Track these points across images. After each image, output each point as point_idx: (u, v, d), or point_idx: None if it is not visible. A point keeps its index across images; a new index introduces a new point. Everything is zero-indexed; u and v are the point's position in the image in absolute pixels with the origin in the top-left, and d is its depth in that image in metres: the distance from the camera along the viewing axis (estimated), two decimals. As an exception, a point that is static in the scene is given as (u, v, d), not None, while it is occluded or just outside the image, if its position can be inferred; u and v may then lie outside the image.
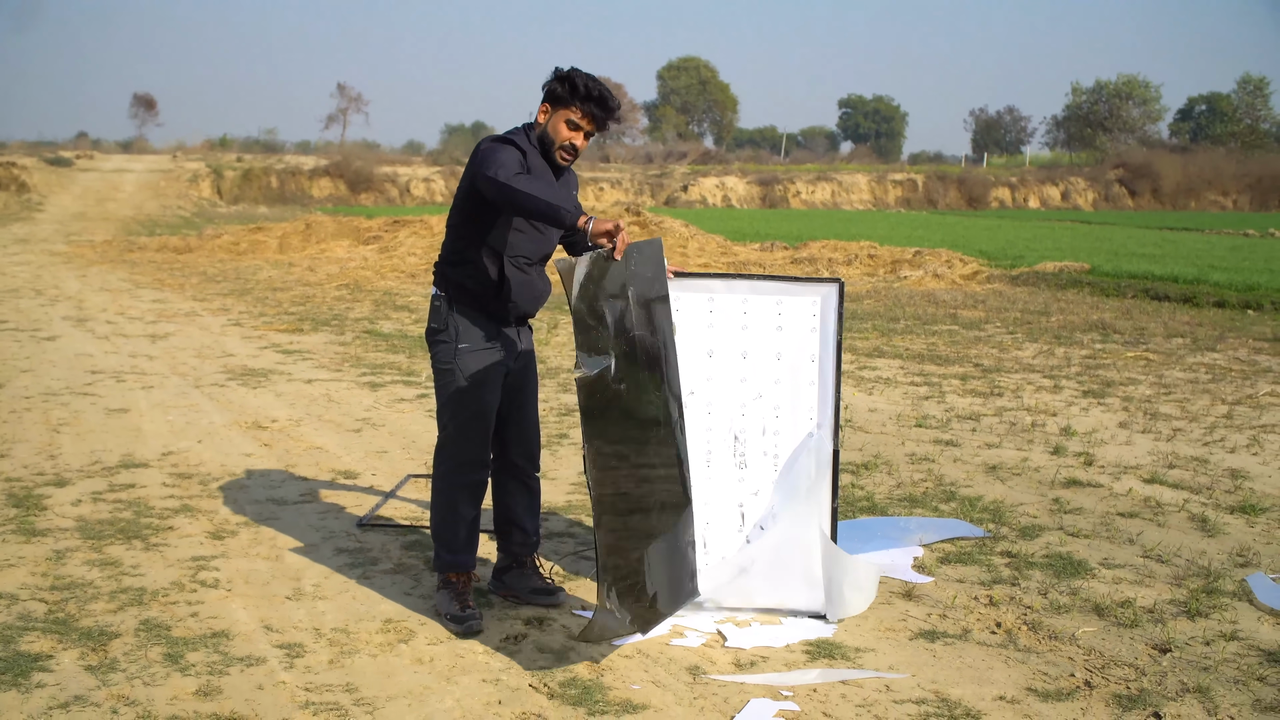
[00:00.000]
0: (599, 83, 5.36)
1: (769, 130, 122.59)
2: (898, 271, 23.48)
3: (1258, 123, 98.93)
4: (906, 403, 10.72)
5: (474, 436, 5.54)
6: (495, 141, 5.30)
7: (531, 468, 5.83)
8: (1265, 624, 5.57)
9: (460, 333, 5.48)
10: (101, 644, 5.09)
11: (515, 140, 5.33)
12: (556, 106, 5.37)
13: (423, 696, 4.70)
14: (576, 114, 5.34)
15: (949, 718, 4.56)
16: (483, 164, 5.14)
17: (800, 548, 5.62)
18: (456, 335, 5.49)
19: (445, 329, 5.53)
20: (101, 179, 52.11)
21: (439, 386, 5.59)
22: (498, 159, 5.10)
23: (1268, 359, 13.53)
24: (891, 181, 67.58)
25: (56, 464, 8.10)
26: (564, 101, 5.34)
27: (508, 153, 5.17)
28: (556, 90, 5.35)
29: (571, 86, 5.31)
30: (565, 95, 5.32)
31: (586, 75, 5.35)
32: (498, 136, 5.36)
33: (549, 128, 5.39)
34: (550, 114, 5.39)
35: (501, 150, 5.19)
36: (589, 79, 5.33)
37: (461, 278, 5.45)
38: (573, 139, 5.40)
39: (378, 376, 11.75)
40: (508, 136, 5.36)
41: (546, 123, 5.40)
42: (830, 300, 5.62)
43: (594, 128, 5.40)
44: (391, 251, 25.15)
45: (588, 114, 5.34)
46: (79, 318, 15.91)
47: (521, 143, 5.35)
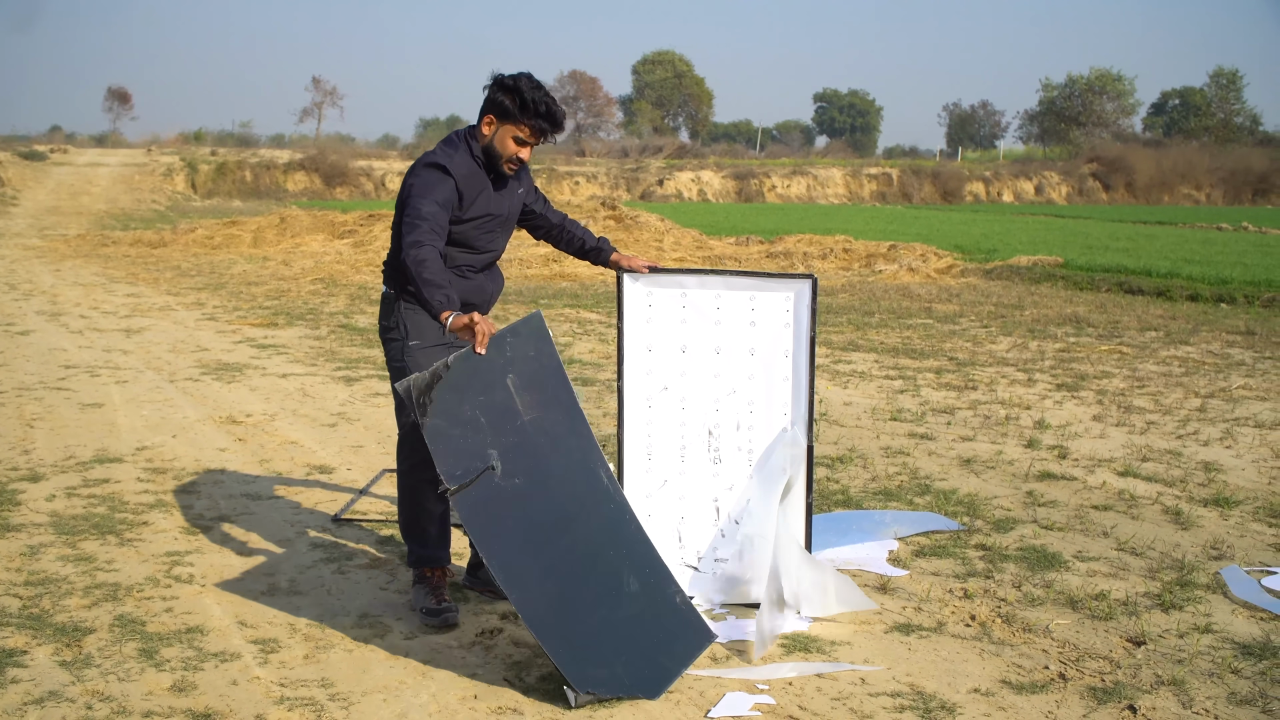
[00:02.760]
0: (545, 93, 5.24)
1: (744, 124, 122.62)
2: (873, 265, 23.53)
3: (1231, 116, 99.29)
4: (881, 396, 10.74)
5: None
6: (430, 168, 5.20)
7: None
8: (1239, 617, 5.60)
9: (410, 329, 5.43)
10: (76, 640, 5.08)
11: (449, 166, 5.21)
12: (503, 120, 5.25)
13: (398, 691, 4.69)
14: (524, 130, 5.25)
15: (924, 710, 4.57)
16: (407, 206, 5.15)
17: (773, 542, 5.62)
18: (406, 332, 5.43)
19: (395, 326, 5.49)
20: (75, 173, 51.87)
21: (394, 384, 5.54)
22: (420, 209, 5.07)
23: (1240, 352, 13.59)
24: (866, 176, 67.67)
25: (30, 459, 8.07)
26: (511, 116, 5.22)
27: (432, 197, 5.11)
28: (504, 104, 5.22)
29: (520, 102, 5.19)
30: (513, 110, 5.21)
31: (532, 86, 5.21)
32: (434, 159, 5.22)
33: (495, 141, 5.29)
34: (496, 126, 5.28)
35: (430, 190, 5.13)
36: (535, 91, 5.20)
37: (408, 279, 5.34)
38: (519, 153, 5.32)
39: (353, 371, 11.72)
40: (442, 162, 5.21)
41: (492, 135, 5.29)
42: (803, 296, 5.63)
43: (540, 140, 5.33)
44: (367, 246, 25.08)
45: (536, 129, 5.25)
46: (53, 312, 15.85)
47: (459, 162, 5.26)
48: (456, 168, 5.24)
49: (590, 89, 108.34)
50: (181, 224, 31.01)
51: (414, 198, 5.15)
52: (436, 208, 5.12)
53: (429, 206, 5.10)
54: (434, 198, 5.13)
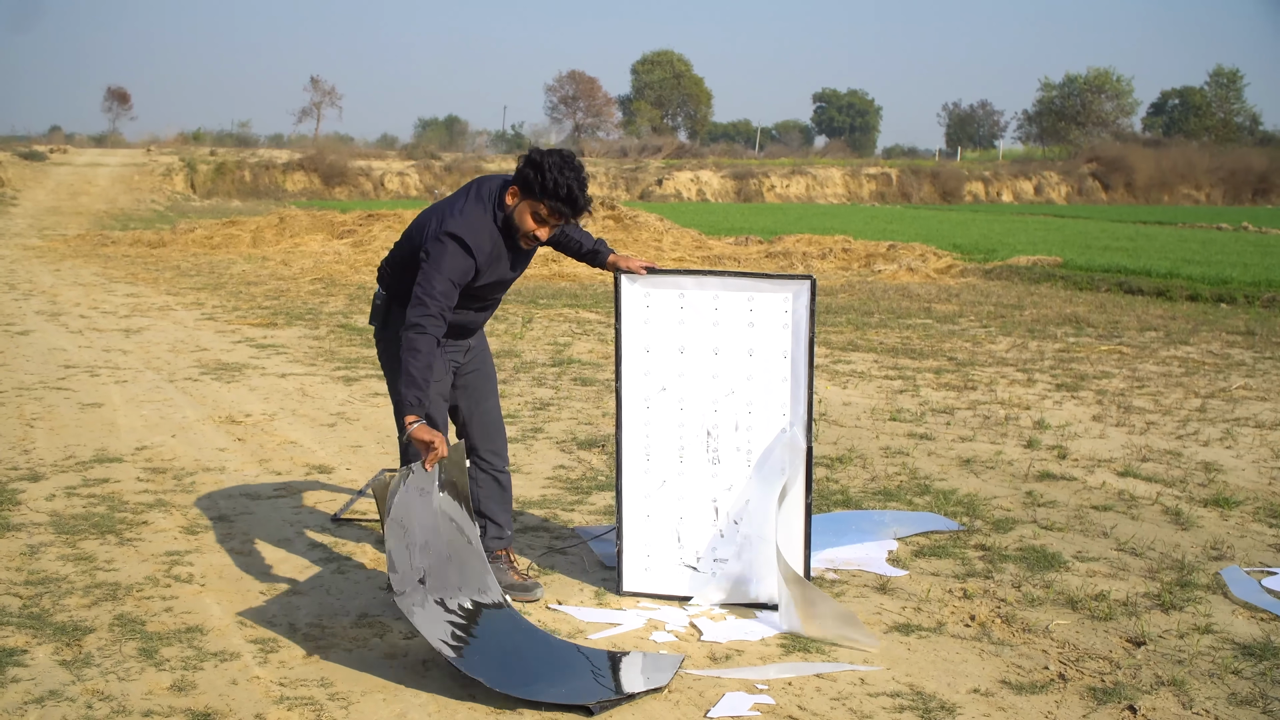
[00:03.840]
0: (574, 175, 5.19)
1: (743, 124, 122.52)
2: (872, 265, 23.53)
3: (1230, 116, 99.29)
4: (881, 396, 10.74)
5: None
6: (455, 241, 5.17)
7: (500, 462, 5.85)
8: (1239, 617, 5.60)
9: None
10: (76, 639, 5.08)
11: (473, 246, 5.20)
12: (526, 195, 5.24)
13: (397, 691, 4.69)
14: (544, 209, 5.23)
15: (923, 710, 4.57)
16: (423, 271, 5.16)
17: (773, 542, 5.63)
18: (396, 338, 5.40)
19: (385, 328, 5.54)
20: (75, 173, 51.85)
21: (391, 385, 5.66)
22: (434, 285, 5.09)
23: (1240, 352, 13.60)
24: (866, 175, 67.66)
25: (30, 458, 8.07)
26: (533, 193, 5.21)
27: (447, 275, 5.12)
28: (529, 178, 5.19)
29: (543, 181, 5.16)
30: (535, 188, 5.19)
31: (560, 166, 5.17)
32: (460, 233, 5.19)
33: (515, 215, 5.28)
34: (519, 200, 5.27)
35: (450, 267, 5.13)
36: (562, 171, 5.16)
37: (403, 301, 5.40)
38: (536, 231, 5.30)
39: (352, 371, 11.72)
40: (467, 241, 5.19)
41: (514, 207, 5.28)
42: (802, 297, 5.62)
43: (561, 222, 5.31)
44: (366, 245, 25.07)
45: (555, 211, 5.22)
46: (52, 312, 15.84)
47: (484, 235, 5.26)
48: (480, 244, 5.23)
49: (589, 89, 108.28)
50: (181, 224, 31.00)
51: (432, 267, 5.14)
52: (450, 286, 5.14)
53: (443, 284, 5.11)
54: (450, 275, 5.13)
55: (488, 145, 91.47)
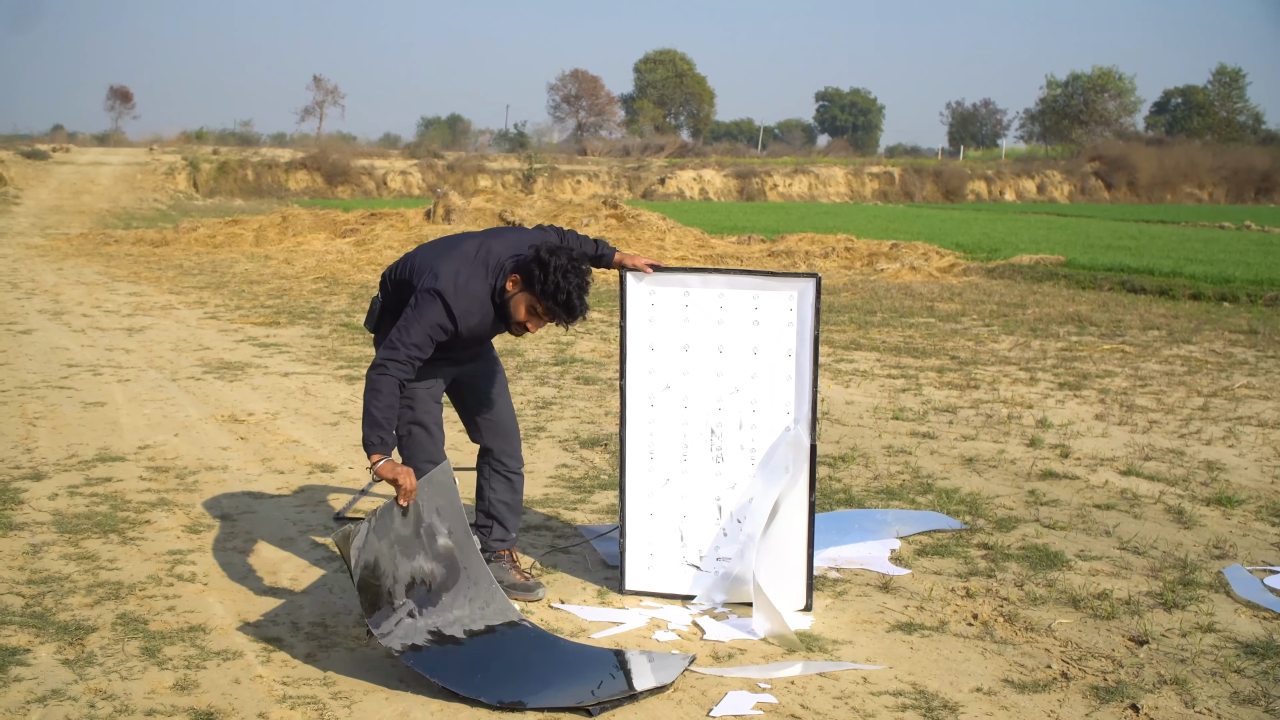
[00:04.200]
0: (577, 281, 5.16)
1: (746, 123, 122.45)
2: (875, 264, 23.52)
3: (1233, 115, 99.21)
4: (883, 395, 10.74)
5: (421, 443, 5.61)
6: (442, 301, 5.17)
7: (514, 463, 5.85)
8: (1242, 616, 5.60)
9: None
10: (79, 638, 5.08)
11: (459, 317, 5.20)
12: (526, 288, 5.22)
13: (400, 690, 4.69)
14: (540, 308, 5.22)
15: (926, 709, 4.57)
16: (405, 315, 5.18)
17: (775, 541, 5.63)
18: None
19: (377, 331, 5.57)
20: (77, 172, 51.87)
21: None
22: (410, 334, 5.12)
23: (1243, 351, 13.59)
24: (868, 174, 67.67)
25: (33, 457, 8.07)
26: (533, 289, 5.19)
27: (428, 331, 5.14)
28: (533, 274, 5.17)
29: (544, 282, 5.14)
30: (536, 286, 5.17)
31: (565, 270, 5.13)
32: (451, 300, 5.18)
33: (511, 303, 5.27)
34: (518, 289, 5.25)
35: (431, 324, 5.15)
36: (565, 275, 5.12)
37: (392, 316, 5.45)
38: (528, 323, 5.30)
39: (355, 370, 11.72)
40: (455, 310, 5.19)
41: (512, 295, 5.26)
42: (807, 295, 5.62)
43: (551, 320, 5.30)
44: (368, 244, 25.08)
45: (550, 312, 5.22)
46: (55, 311, 15.85)
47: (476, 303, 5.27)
48: (467, 315, 5.24)
49: (592, 88, 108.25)
50: (183, 223, 31.00)
51: (415, 317, 5.16)
52: (427, 340, 5.16)
53: (420, 336, 5.14)
54: (429, 332, 5.15)
55: (490, 144, 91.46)
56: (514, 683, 4.72)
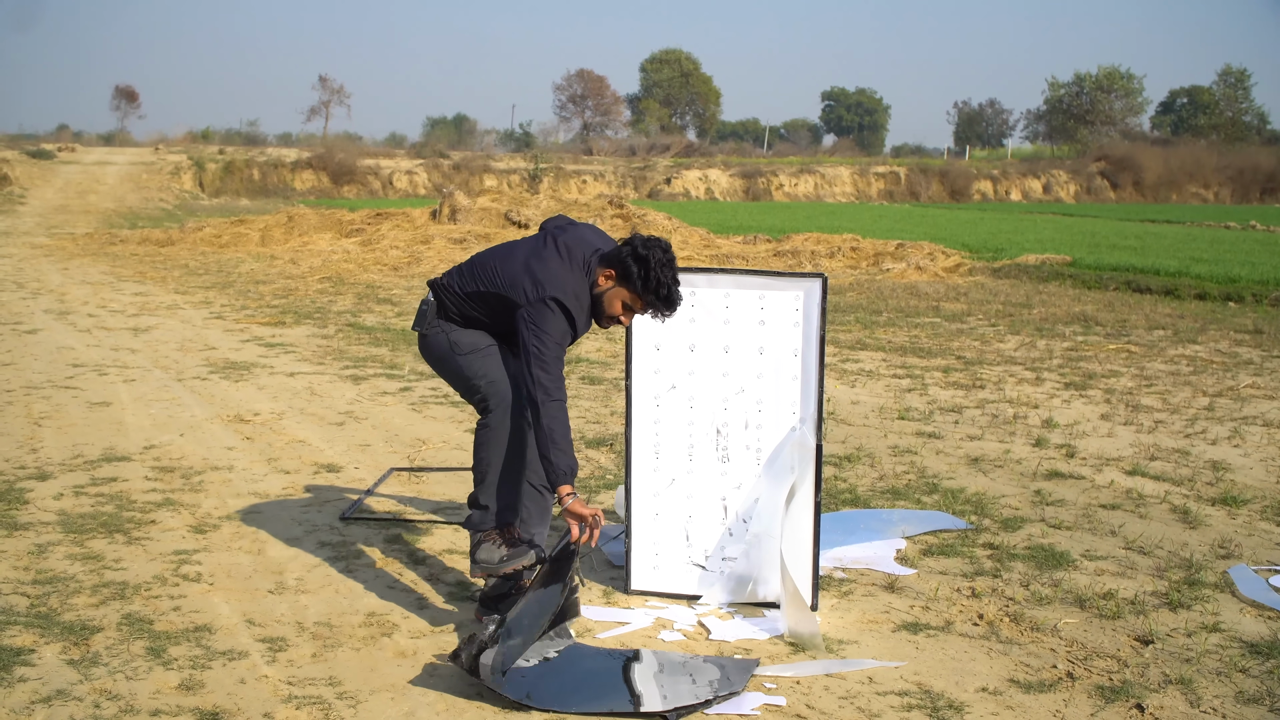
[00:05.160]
0: (673, 272, 5.12)
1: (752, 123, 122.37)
2: (880, 264, 23.50)
3: (1239, 115, 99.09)
4: (889, 395, 10.73)
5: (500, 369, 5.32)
6: (560, 307, 5.08)
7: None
8: (1247, 616, 5.59)
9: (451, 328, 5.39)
10: (84, 638, 5.08)
11: (573, 309, 5.12)
12: (622, 282, 5.16)
13: (406, 690, 4.70)
14: (638, 303, 5.18)
15: (931, 709, 4.57)
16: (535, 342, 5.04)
17: (779, 543, 5.63)
18: (448, 330, 5.38)
19: (435, 325, 5.41)
20: (83, 171, 51.92)
21: (453, 375, 5.42)
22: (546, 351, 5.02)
23: (1249, 351, 13.58)
24: (874, 174, 67.63)
25: (38, 457, 8.08)
26: (630, 283, 5.13)
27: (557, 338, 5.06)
28: (629, 269, 5.10)
29: (645, 277, 5.08)
30: (636, 282, 5.11)
31: (663, 262, 5.09)
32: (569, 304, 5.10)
33: (605, 297, 5.20)
34: (613, 284, 5.19)
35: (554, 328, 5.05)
36: (664, 270, 5.08)
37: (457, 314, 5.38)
38: (622, 318, 5.26)
39: (360, 370, 11.73)
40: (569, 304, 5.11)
41: (606, 290, 5.20)
42: (813, 295, 5.62)
43: (647, 313, 5.26)
44: (374, 244, 25.10)
45: (648, 305, 5.18)
46: (61, 311, 15.87)
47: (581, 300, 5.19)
48: (579, 313, 5.18)
49: (598, 87, 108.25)
50: (189, 222, 31.06)
51: (543, 334, 5.05)
52: (559, 349, 5.08)
53: (553, 349, 5.04)
54: (558, 339, 5.07)
55: (496, 144, 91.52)
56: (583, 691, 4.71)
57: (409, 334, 14.04)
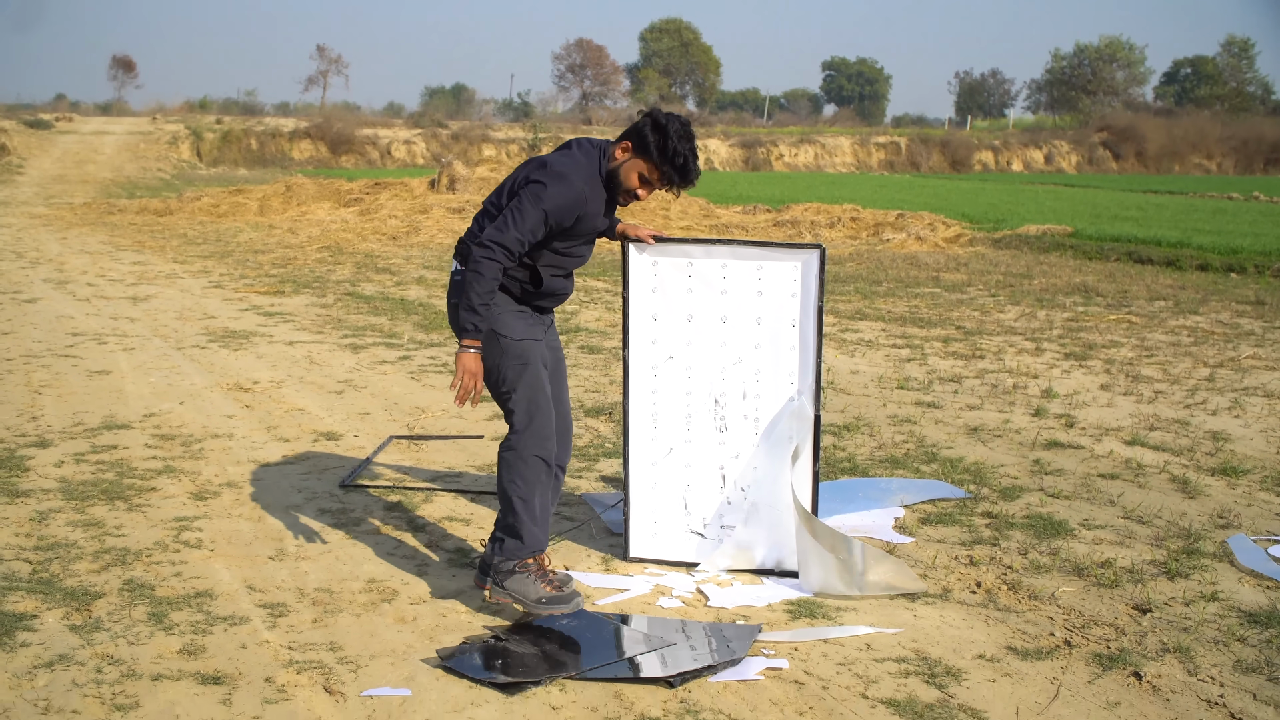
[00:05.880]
0: (691, 145, 5.08)
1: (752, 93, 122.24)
2: (880, 234, 23.48)
3: (1243, 85, 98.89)
4: (888, 365, 10.74)
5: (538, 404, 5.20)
6: (566, 183, 5.00)
7: (565, 458, 5.51)
8: (1246, 585, 5.60)
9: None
10: (85, 604, 5.10)
11: (586, 189, 5.05)
12: (639, 154, 5.09)
13: (405, 655, 4.71)
14: (654, 173, 5.10)
15: (929, 676, 4.58)
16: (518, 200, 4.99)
17: (781, 509, 5.64)
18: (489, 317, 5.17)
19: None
20: (81, 141, 51.84)
21: (487, 362, 5.18)
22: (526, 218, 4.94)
23: (1250, 322, 13.57)
24: (875, 144, 67.51)
25: (38, 425, 8.09)
26: (647, 153, 5.07)
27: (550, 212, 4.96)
28: (647, 138, 5.06)
29: (661, 145, 5.03)
30: (653, 150, 5.05)
31: (682, 134, 5.05)
32: (572, 174, 5.02)
33: (622, 170, 5.13)
34: (629, 156, 5.12)
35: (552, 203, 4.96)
36: (682, 141, 5.04)
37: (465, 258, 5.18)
38: (639, 191, 5.17)
39: (359, 339, 11.73)
40: (579, 184, 5.03)
41: (622, 163, 5.13)
42: (811, 265, 5.61)
43: (664, 188, 5.18)
44: (373, 214, 25.07)
45: (665, 177, 5.10)
46: (59, 280, 15.86)
47: (592, 182, 5.09)
48: (590, 190, 5.09)
49: (597, 57, 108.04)
50: (187, 192, 31.01)
51: (530, 201, 4.98)
52: (542, 226, 4.99)
53: (535, 219, 4.96)
54: (548, 209, 4.97)
55: (495, 114, 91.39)
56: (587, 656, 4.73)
57: (408, 303, 14.04)
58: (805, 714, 4.28)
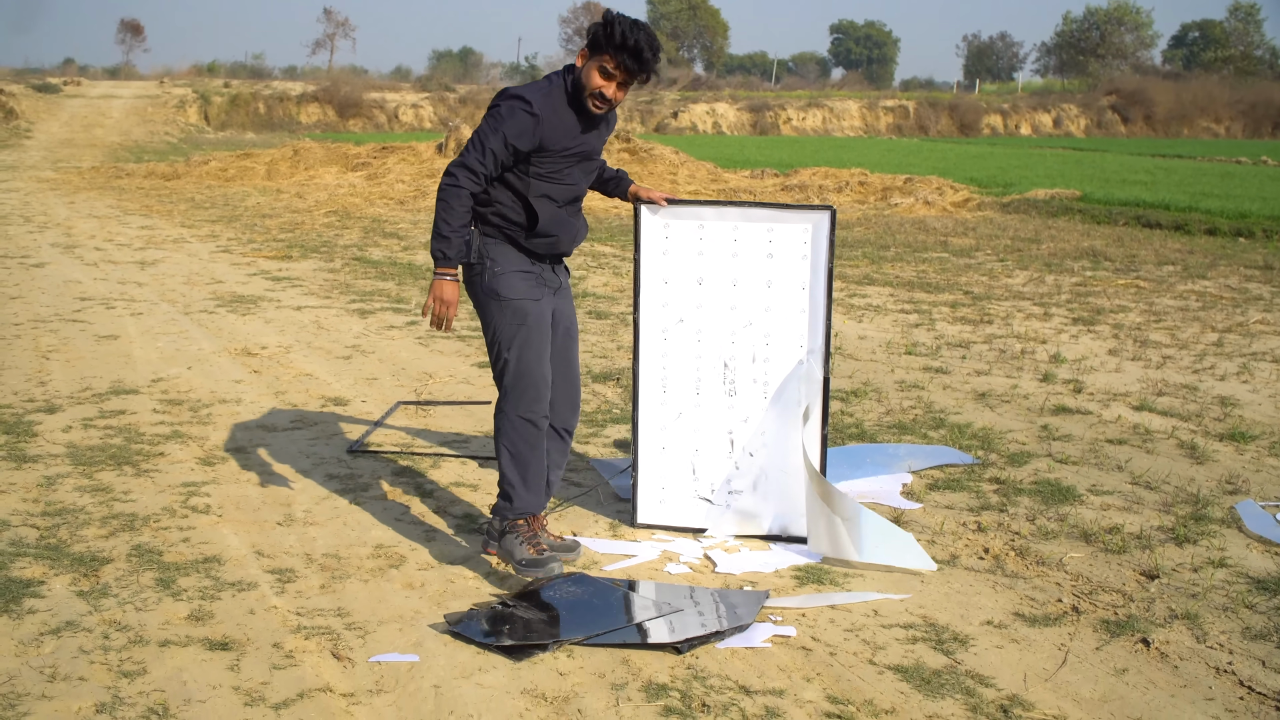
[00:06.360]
0: (640, 30, 5.06)
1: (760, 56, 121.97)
2: (888, 199, 23.42)
3: (1250, 49, 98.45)
4: (896, 330, 10.72)
5: (536, 363, 5.23)
6: (514, 100, 5.07)
7: (573, 422, 5.56)
8: (1254, 551, 5.60)
9: (494, 259, 5.19)
10: (93, 569, 5.10)
11: (534, 102, 5.06)
12: (593, 53, 5.10)
13: (413, 620, 4.72)
14: (610, 62, 5.06)
15: (936, 642, 4.58)
16: (476, 131, 5.10)
17: (789, 474, 5.63)
18: (491, 262, 5.20)
19: (478, 260, 5.22)
20: (89, 105, 51.74)
21: (485, 322, 5.27)
22: (485, 140, 5.03)
23: (1258, 287, 13.54)
24: (883, 108, 67.27)
25: (46, 390, 8.09)
26: (599, 48, 5.07)
27: (504, 131, 5.02)
28: (596, 35, 5.08)
29: (608, 33, 5.03)
30: (602, 41, 5.05)
31: (628, 22, 5.05)
32: (520, 92, 5.12)
33: (583, 74, 5.12)
34: (587, 58, 5.14)
35: (503, 123, 5.03)
36: (629, 26, 5.03)
37: (487, 213, 5.19)
38: (603, 88, 5.11)
39: (367, 304, 11.72)
40: (527, 96, 5.08)
41: (582, 68, 5.14)
42: (821, 228, 5.59)
43: (627, 77, 5.12)
44: (380, 178, 25.04)
45: (620, 64, 5.06)
46: (67, 244, 15.85)
47: (547, 97, 5.11)
48: (541, 104, 5.09)
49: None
50: (195, 156, 30.97)
51: (485, 124, 5.09)
52: (502, 147, 5.04)
53: (495, 142, 5.03)
54: (504, 130, 5.03)
55: (502, 77, 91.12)
56: (594, 622, 4.72)
57: (415, 267, 14.03)
58: (812, 680, 4.28)
